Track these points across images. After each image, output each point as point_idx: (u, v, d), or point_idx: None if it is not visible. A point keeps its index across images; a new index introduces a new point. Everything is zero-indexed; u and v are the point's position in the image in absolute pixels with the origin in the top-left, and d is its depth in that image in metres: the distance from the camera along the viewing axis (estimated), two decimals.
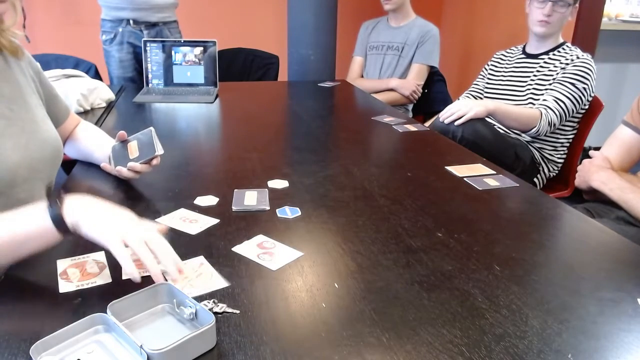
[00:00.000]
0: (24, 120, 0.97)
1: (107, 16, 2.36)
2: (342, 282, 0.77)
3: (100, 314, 0.64)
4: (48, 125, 1.04)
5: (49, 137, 1.02)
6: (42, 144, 0.99)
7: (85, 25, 3.41)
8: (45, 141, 1.00)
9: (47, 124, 1.04)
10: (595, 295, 0.75)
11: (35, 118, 1.01)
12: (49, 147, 1.01)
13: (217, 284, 0.75)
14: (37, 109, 1.03)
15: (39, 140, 0.99)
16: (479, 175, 1.22)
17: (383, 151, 1.49)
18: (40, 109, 1.05)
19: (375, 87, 2.63)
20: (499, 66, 2.13)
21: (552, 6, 1.86)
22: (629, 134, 1.46)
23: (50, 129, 1.04)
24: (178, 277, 0.74)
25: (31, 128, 0.98)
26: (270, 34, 3.59)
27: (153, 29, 2.38)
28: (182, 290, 0.69)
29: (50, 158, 1.01)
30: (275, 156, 1.41)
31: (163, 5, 2.38)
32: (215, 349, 0.62)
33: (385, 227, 0.95)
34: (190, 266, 0.80)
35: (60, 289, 0.73)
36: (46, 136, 1.01)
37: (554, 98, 1.83)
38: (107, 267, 0.78)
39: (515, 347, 0.63)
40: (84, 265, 0.79)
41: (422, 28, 2.62)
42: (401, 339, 0.64)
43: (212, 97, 2.02)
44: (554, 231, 0.98)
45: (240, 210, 1.00)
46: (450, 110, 1.75)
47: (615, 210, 1.37)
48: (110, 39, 2.37)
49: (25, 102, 1.00)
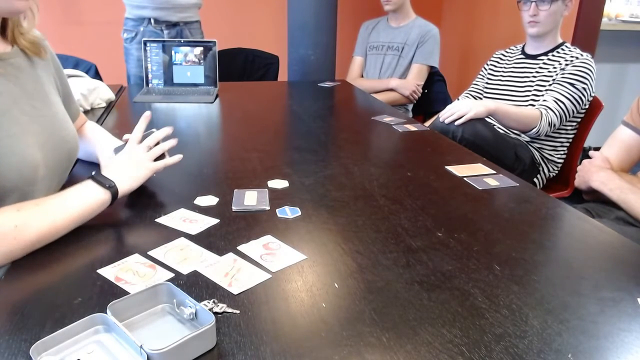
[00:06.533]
0: (46, 117, 0.98)
1: (130, 15, 2.38)
2: (342, 282, 0.77)
3: (100, 314, 0.64)
4: (68, 124, 1.05)
5: (68, 135, 1.03)
6: (61, 142, 1.00)
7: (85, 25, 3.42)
8: (64, 139, 1.01)
9: (67, 122, 1.05)
10: (595, 295, 0.75)
11: (58, 116, 1.02)
12: (67, 146, 1.02)
13: (260, 277, 0.77)
14: (58, 106, 1.04)
15: (59, 138, 1.00)
16: (479, 175, 1.22)
17: (383, 151, 1.49)
18: (61, 106, 1.06)
19: (375, 87, 2.63)
20: (499, 66, 2.13)
21: (535, 6, 1.87)
22: (629, 135, 1.46)
23: (70, 128, 1.05)
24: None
25: (53, 126, 0.99)
26: (270, 34, 3.59)
27: (173, 29, 2.40)
28: (229, 286, 0.73)
29: (67, 156, 1.03)
30: (275, 156, 1.41)
31: (185, 5, 2.39)
32: (215, 349, 0.62)
33: (385, 227, 0.95)
34: (225, 262, 0.81)
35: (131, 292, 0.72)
36: (65, 134, 1.02)
37: (554, 98, 1.83)
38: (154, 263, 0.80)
39: (515, 347, 0.63)
40: (132, 268, 0.79)
41: (422, 28, 2.62)
42: (401, 339, 0.64)
43: (212, 97, 2.02)
44: (554, 231, 0.98)
45: (240, 210, 1.00)
46: (451, 110, 1.75)
47: (615, 210, 1.37)
48: (132, 37, 2.40)
49: (48, 99, 1.01)
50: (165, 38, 2.36)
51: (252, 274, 0.78)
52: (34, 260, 0.80)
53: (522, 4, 1.93)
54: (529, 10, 1.89)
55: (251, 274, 0.78)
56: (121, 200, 1.01)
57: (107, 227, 0.93)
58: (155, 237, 0.89)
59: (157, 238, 0.88)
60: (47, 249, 0.83)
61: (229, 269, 0.79)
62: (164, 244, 0.86)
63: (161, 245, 0.85)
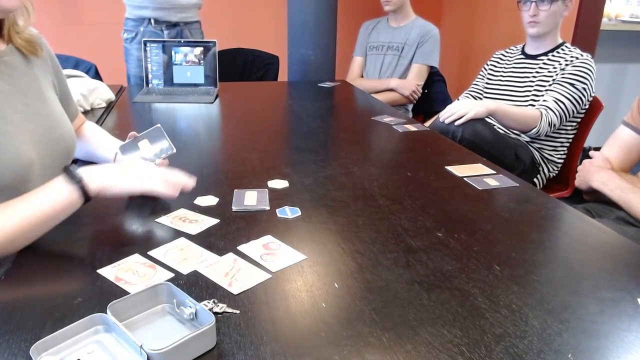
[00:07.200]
0: (41, 115, 0.98)
1: (130, 15, 2.39)
2: (342, 282, 0.77)
3: (100, 314, 0.64)
4: (65, 122, 1.05)
5: (65, 134, 1.02)
6: (57, 140, 1.00)
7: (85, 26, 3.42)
8: (60, 137, 1.01)
9: (64, 120, 1.05)
10: (595, 295, 0.75)
11: (54, 114, 1.02)
12: (63, 144, 1.02)
13: (259, 277, 0.77)
14: (55, 104, 1.04)
15: (55, 136, 0.99)
16: (479, 175, 1.22)
17: (383, 151, 1.49)
18: (58, 104, 1.06)
19: (375, 87, 2.63)
20: (499, 66, 2.13)
21: (535, 6, 1.88)
22: (629, 135, 1.46)
23: (67, 126, 1.05)
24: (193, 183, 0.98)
25: (48, 124, 0.99)
26: (270, 34, 3.59)
27: (174, 29, 2.40)
28: (229, 286, 0.73)
29: (64, 155, 1.02)
30: (275, 156, 1.41)
31: (185, 5, 2.39)
32: (215, 349, 0.62)
33: (385, 227, 0.95)
34: (225, 262, 0.81)
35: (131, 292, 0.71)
36: (62, 132, 1.02)
37: (554, 99, 1.83)
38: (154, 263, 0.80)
39: (515, 347, 0.63)
40: (132, 268, 0.78)
41: (422, 28, 2.62)
42: (401, 339, 0.64)
43: (212, 97, 2.02)
44: (554, 231, 0.98)
45: (240, 210, 1.00)
46: (451, 110, 1.75)
47: (615, 210, 1.37)
48: (132, 37, 2.40)
49: (44, 98, 1.01)
50: (165, 38, 2.36)
51: (252, 274, 0.78)
52: (34, 260, 0.80)
53: (522, 4, 1.93)
54: (529, 10, 1.90)
55: (251, 274, 0.78)
56: (121, 200, 1.01)
57: (107, 227, 0.93)
58: (155, 237, 0.89)
59: (157, 238, 0.88)
60: (47, 249, 0.83)
61: (229, 269, 0.79)
62: (164, 244, 0.86)
63: (161, 245, 0.85)
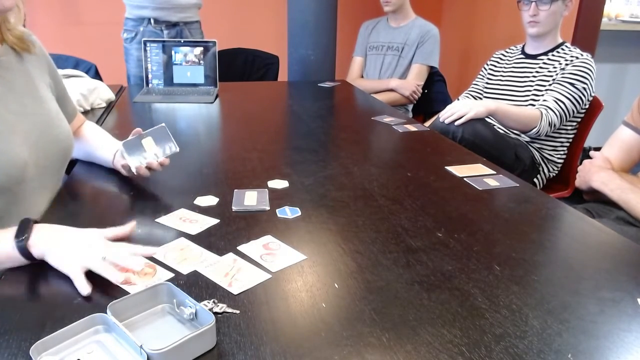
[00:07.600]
0: (37, 115, 0.97)
1: (130, 15, 2.39)
2: (342, 282, 0.77)
3: (100, 314, 0.64)
4: (62, 122, 1.04)
5: (61, 134, 1.01)
6: (53, 141, 0.99)
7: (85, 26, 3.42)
8: (56, 137, 1.00)
9: (61, 120, 1.04)
10: (595, 295, 0.75)
11: (50, 114, 1.01)
12: (60, 144, 1.01)
13: (259, 277, 0.77)
14: (51, 103, 1.03)
15: (51, 136, 0.98)
16: (479, 175, 1.22)
17: (383, 151, 1.49)
18: (54, 103, 1.05)
19: (375, 87, 2.63)
20: (499, 66, 2.13)
21: (535, 6, 1.88)
22: (630, 135, 1.46)
23: (64, 126, 1.04)
24: (138, 271, 0.77)
25: (44, 124, 0.98)
26: (270, 34, 3.59)
27: (173, 29, 2.40)
28: (229, 286, 0.73)
29: (60, 155, 1.01)
30: (275, 156, 1.41)
31: (185, 5, 2.39)
32: (215, 349, 0.62)
33: (385, 227, 0.95)
34: (225, 262, 0.81)
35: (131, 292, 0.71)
36: (58, 133, 1.00)
37: (554, 98, 1.83)
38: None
39: (515, 347, 0.63)
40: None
41: (422, 28, 2.62)
42: (401, 339, 0.64)
43: (212, 97, 2.02)
44: (554, 231, 0.98)
45: (240, 210, 1.00)
46: (451, 110, 1.75)
47: (616, 210, 1.37)
48: (131, 37, 2.40)
49: (40, 97, 1.00)
50: (165, 38, 2.36)
51: (252, 274, 0.78)
52: None
53: (522, 4, 1.93)
54: (529, 10, 1.90)
55: (251, 274, 0.78)
56: (121, 200, 1.02)
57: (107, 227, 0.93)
58: (155, 237, 0.89)
59: (157, 238, 0.88)
60: None
61: (229, 269, 0.79)
62: (164, 244, 0.86)
63: (161, 245, 0.85)
